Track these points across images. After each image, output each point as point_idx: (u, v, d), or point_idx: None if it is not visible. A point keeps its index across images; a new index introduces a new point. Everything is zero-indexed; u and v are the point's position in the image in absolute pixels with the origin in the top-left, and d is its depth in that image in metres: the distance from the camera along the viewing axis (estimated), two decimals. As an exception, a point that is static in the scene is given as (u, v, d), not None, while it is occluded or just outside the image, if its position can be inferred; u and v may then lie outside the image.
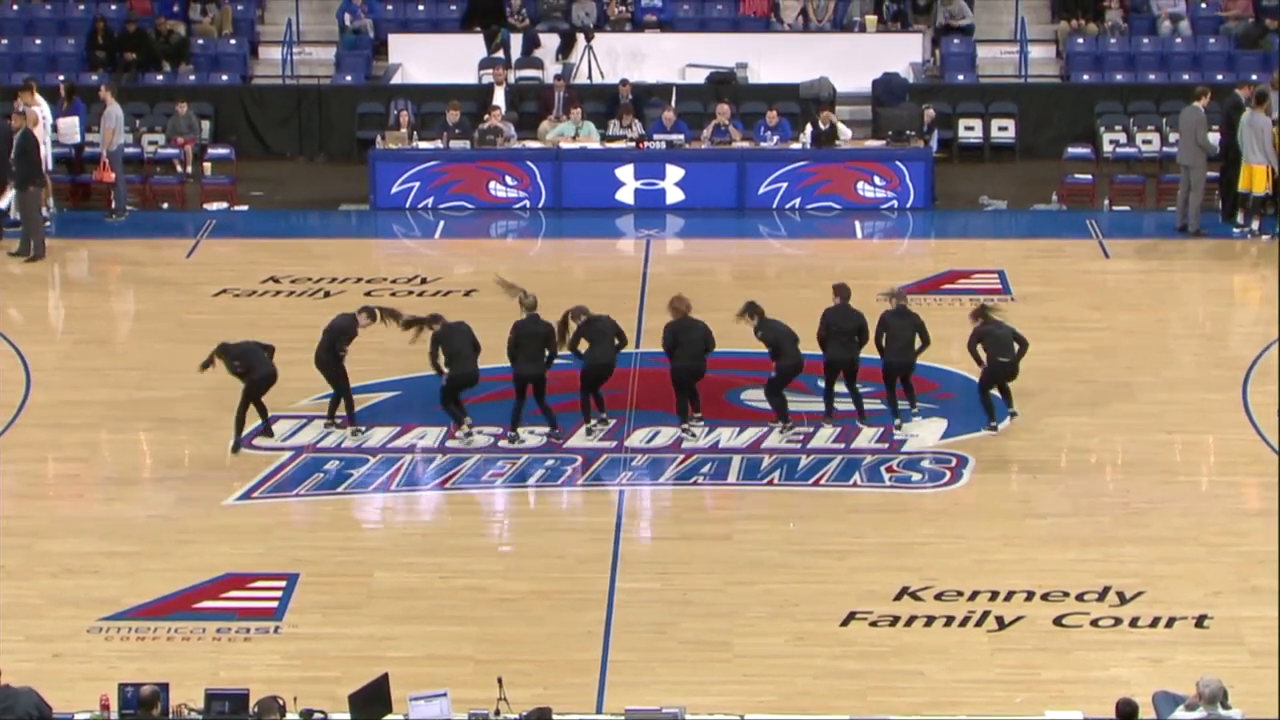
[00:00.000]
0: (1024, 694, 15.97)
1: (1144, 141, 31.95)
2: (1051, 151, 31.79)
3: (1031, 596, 17.62)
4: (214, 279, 26.80)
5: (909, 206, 30.20)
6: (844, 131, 30.41)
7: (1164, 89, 32.89)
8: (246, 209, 30.73)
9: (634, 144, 30.38)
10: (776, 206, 30.19)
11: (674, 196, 30.28)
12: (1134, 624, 17.18)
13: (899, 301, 21.65)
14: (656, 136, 30.45)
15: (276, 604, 17.55)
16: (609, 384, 21.49)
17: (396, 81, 33.97)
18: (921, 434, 21.36)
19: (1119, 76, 33.76)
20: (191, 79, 34.10)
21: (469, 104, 31.75)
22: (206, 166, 31.59)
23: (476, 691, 15.22)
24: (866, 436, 21.27)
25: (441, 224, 29.88)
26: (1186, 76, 33.31)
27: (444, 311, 21.67)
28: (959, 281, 26.54)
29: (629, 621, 17.28)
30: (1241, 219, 28.84)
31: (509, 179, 30.26)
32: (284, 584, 17.89)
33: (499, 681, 14.67)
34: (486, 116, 30.86)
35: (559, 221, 29.99)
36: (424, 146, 30.39)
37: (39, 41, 34.67)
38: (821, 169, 30.23)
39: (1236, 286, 27.21)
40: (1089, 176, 30.87)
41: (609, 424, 21.41)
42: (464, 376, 21.11)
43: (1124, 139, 32.05)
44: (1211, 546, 18.70)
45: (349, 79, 34.05)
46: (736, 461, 20.74)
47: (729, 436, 21.29)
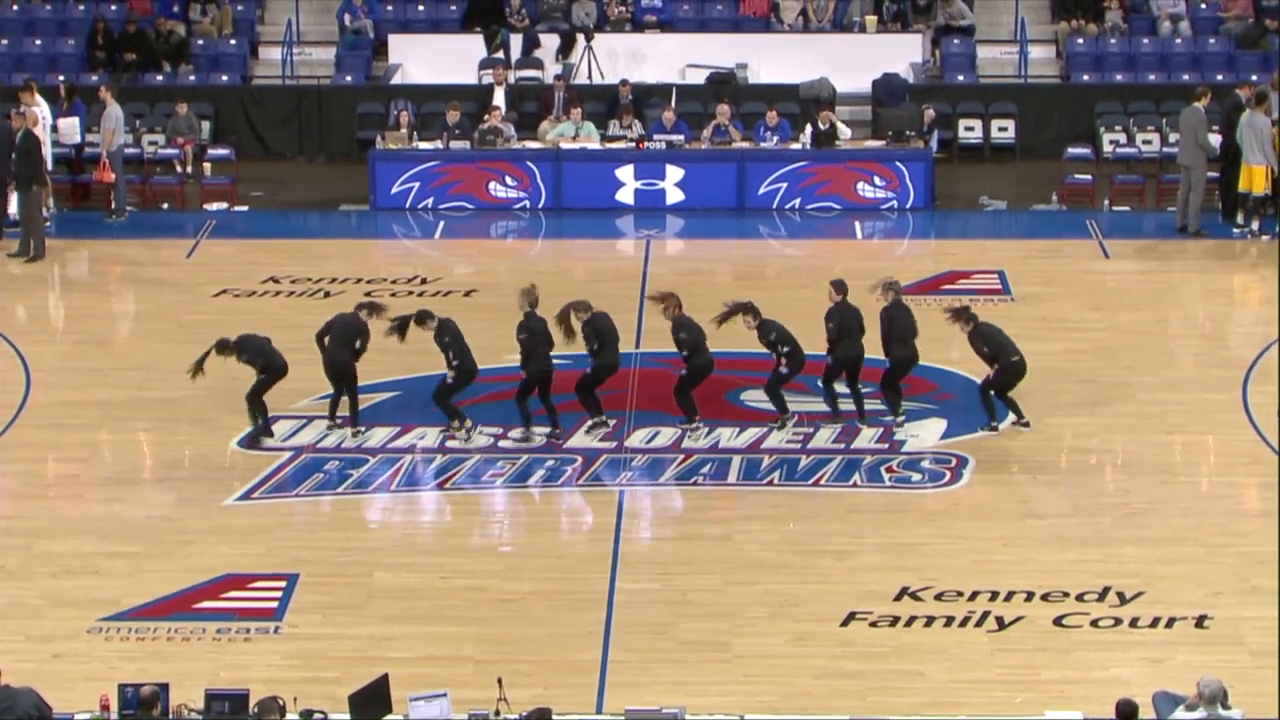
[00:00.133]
0: (1024, 694, 15.96)
1: (1144, 142, 31.94)
2: (1051, 152, 31.78)
3: (1031, 597, 17.61)
4: (214, 279, 26.79)
5: (909, 207, 30.19)
6: (844, 132, 30.39)
7: (1164, 89, 32.88)
8: (246, 209, 30.72)
9: (634, 144, 30.37)
10: (776, 207, 30.18)
11: (674, 197, 30.26)
12: (1134, 624, 17.17)
13: (897, 294, 21.65)
14: (656, 137, 30.44)
15: (276, 604, 17.53)
16: (608, 384, 21.48)
17: (396, 82, 33.96)
18: (921, 434, 21.36)
19: (1119, 77, 33.75)
20: (191, 79, 34.09)
21: (469, 104, 31.74)
22: (206, 167, 31.57)
23: (476, 692, 15.21)
24: (866, 437, 21.25)
25: (441, 224, 29.87)
26: (1186, 77, 33.30)
27: (443, 313, 21.66)
28: (959, 282, 26.52)
29: (629, 622, 17.27)
30: (1241, 219, 28.82)
31: (509, 179, 30.25)
32: (284, 584, 17.87)
33: (499, 682, 14.66)
34: (486, 117, 30.86)
35: (559, 222, 29.98)
36: (424, 147, 30.38)
37: (39, 42, 34.66)
38: (821, 169, 30.22)
39: (1236, 287, 27.19)
40: (1089, 177, 30.86)
41: (609, 424, 21.40)
42: (472, 373, 21.09)
43: (1124, 139, 32.05)
44: (1211, 547, 18.68)
45: (349, 79, 34.04)
46: (736, 462, 20.72)
47: (729, 437, 21.27)
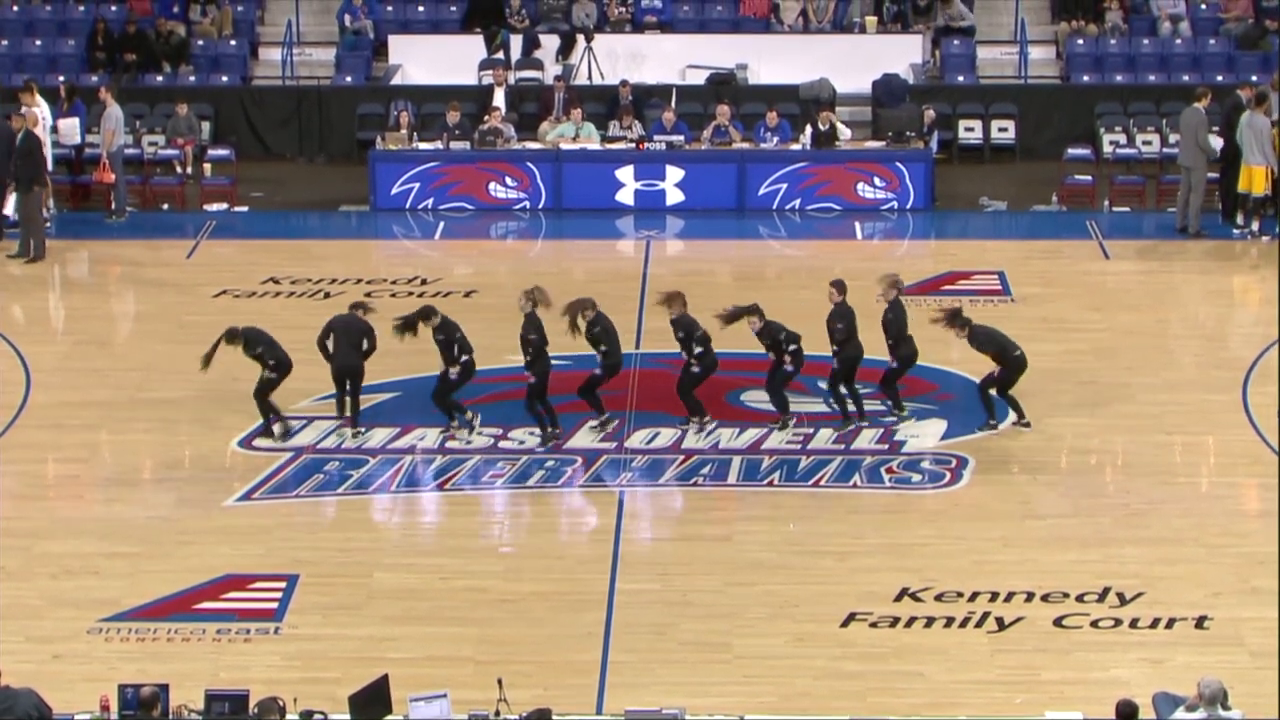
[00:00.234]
0: (1024, 695, 15.96)
1: (1144, 142, 31.94)
2: (1051, 152, 31.77)
3: (1031, 597, 17.61)
4: (214, 280, 26.78)
5: (909, 207, 30.19)
6: (844, 132, 30.39)
7: (1164, 90, 32.88)
8: (246, 210, 30.72)
9: (634, 145, 30.37)
10: (776, 207, 30.17)
11: (674, 197, 30.26)
12: (1134, 625, 17.17)
13: (899, 292, 21.65)
14: (656, 137, 30.43)
15: (276, 605, 17.53)
16: (609, 384, 21.47)
17: (396, 82, 33.96)
18: (921, 435, 21.36)
19: (1119, 77, 33.75)
20: (191, 80, 34.09)
21: (469, 105, 31.74)
22: (206, 167, 31.57)
23: (476, 692, 15.21)
24: (867, 437, 21.25)
25: (441, 225, 29.87)
26: (1186, 78, 33.29)
27: (444, 313, 21.67)
28: (959, 282, 26.52)
29: (629, 622, 17.27)
30: (1241, 220, 28.83)
31: (509, 180, 30.24)
32: (284, 585, 17.88)
33: (499, 682, 14.66)
34: (486, 117, 30.85)
35: (559, 222, 29.97)
36: (424, 147, 30.38)
37: (39, 42, 34.65)
38: (821, 170, 30.22)
39: (1236, 287, 27.19)
40: (1089, 177, 30.85)
41: (614, 422, 21.39)
42: (472, 371, 21.10)
43: (1124, 140, 32.05)
44: (1211, 547, 18.69)
45: (349, 80, 34.04)
46: (736, 462, 20.72)
47: (729, 437, 21.27)
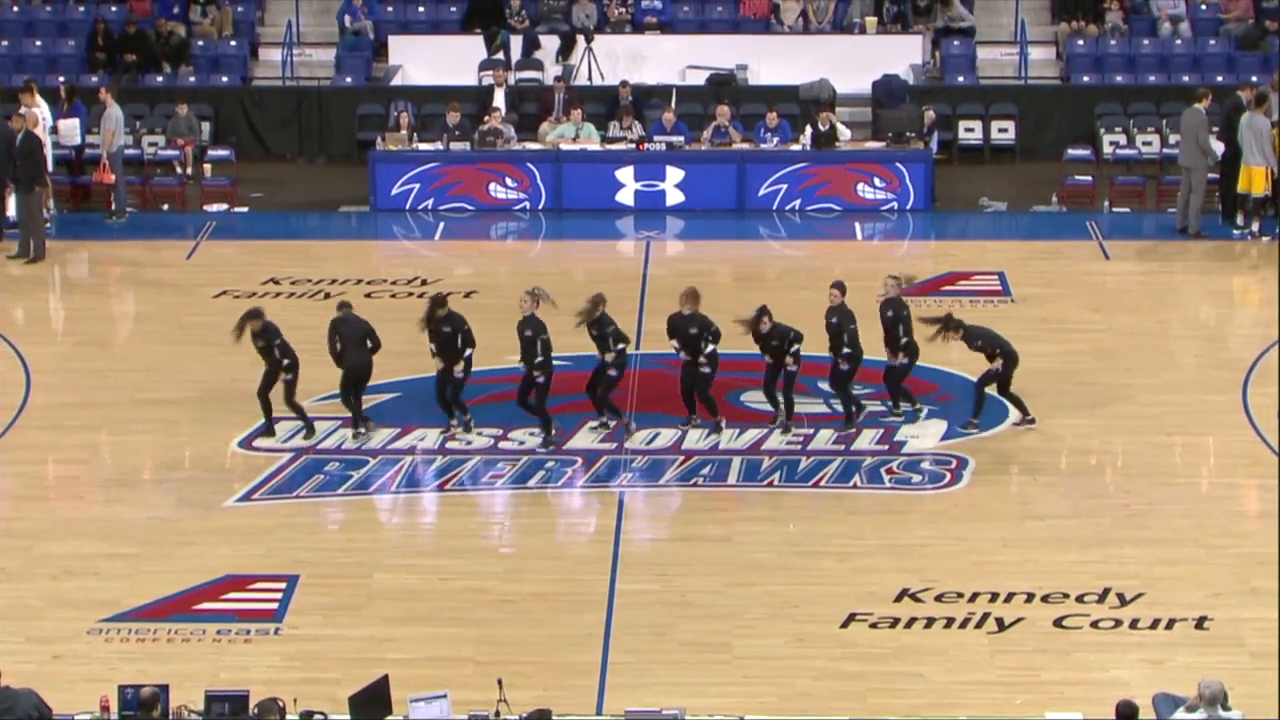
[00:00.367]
0: (1024, 696, 15.96)
1: (1144, 143, 31.95)
2: (1051, 153, 31.77)
3: (1031, 598, 17.62)
4: (214, 280, 26.78)
5: (909, 208, 30.18)
6: (844, 133, 30.39)
7: (1164, 90, 32.88)
8: (246, 210, 30.72)
9: (634, 145, 30.37)
10: (776, 208, 30.17)
11: (674, 198, 30.26)
12: (1134, 626, 17.17)
13: (901, 290, 21.70)
14: (656, 138, 30.43)
15: (277, 605, 17.54)
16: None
17: (396, 83, 33.95)
18: (921, 435, 21.36)
19: (1119, 78, 33.75)
20: (191, 80, 34.08)
21: (469, 105, 31.73)
22: (206, 168, 31.57)
23: (476, 693, 15.21)
24: (867, 438, 21.25)
25: (441, 225, 29.87)
26: (1186, 78, 33.29)
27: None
28: (959, 283, 26.52)
29: (629, 623, 17.27)
30: (1241, 221, 28.83)
31: (509, 180, 30.24)
32: (284, 585, 17.88)
33: (499, 683, 14.66)
34: (486, 118, 30.84)
35: (559, 223, 29.97)
36: (424, 148, 30.37)
37: (39, 43, 34.65)
38: (821, 170, 30.22)
39: (1236, 288, 27.19)
40: (1089, 178, 30.85)
41: (611, 425, 21.40)
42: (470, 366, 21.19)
43: (1124, 140, 32.06)
44: (1211, 548, 18.69)
45: (349, 80, 34.04)
46: (737, 463, 20.72)
47: (729, 438, 21.26)
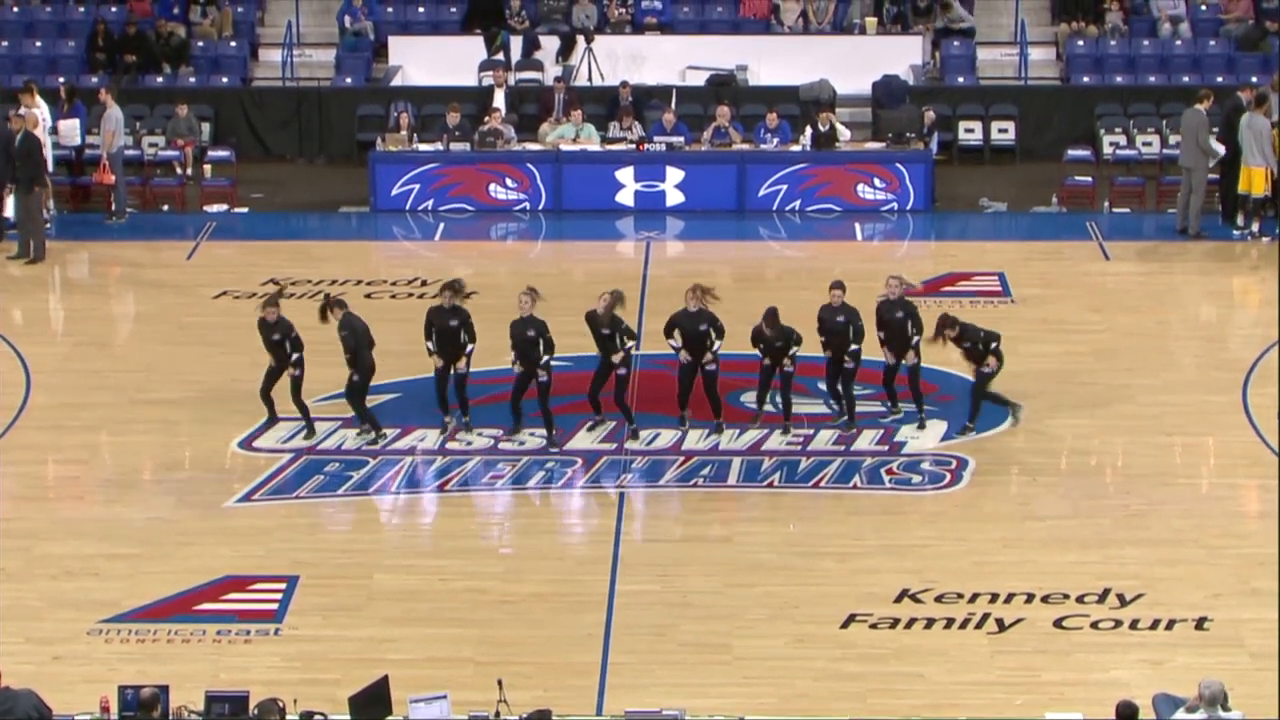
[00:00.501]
0: (1024, 696, 15.96)
1: (1144, 144, 31.96)
2: (1051, 154, 31.78)
3: (1031, 599, 17.62)
4: (214, 281, 26.78)
5: (909, 209, 30.19)
6: (844, 133, 30.39)
7: (1164, 91, 32.89)
8: (246, 211, 30.72)
9: (634, 146, 30.37)
10: (776, 209, 30.17)
11: (674, 199, 30.26)
12: (1134, 626, 17.17)
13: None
14: (656, 139, 30.43)
15: (277, 606, 17.54)
16: (607, 385, 21.44)
17: (396, 84, 33.96)
18: (922, 436, 21.36)
19: (1119, 78, 33.75)
20: (191, 81, 34.09)
21: (469, 106, 31.74)
22: (206, 169, 31.57)
23: (476, 694, 15.21)
24: (867, 439, 21.25)
25: (441, 226, 29.87)
26: (1186, 79, 33.31)
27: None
28: (959, 284, 26.52)
29: (629, 624, 17.27)
30: (1241, 221, 28.83)
31: (509, 181, 30.24)
32: (284, 586, 17.89)
33: (499, 684, 14.65)
34: (486, 119, 30.84)
35: (559, 224, 29.97)
36: (424, 149, 30.37)
37: (39, 44, 34.65)
38: (821, 171, 30.22)
39: (1236, 289, 27.19)
40: (1089, 179, 30.86)
41: (640, 433, 21.35)
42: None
43: (1124, 141, 32.07)
44: (1211, 549, 18.69)
45: (349, 81, 34.05)
46: (736, 464, 20.72)
47: (729, 438, 21.26)
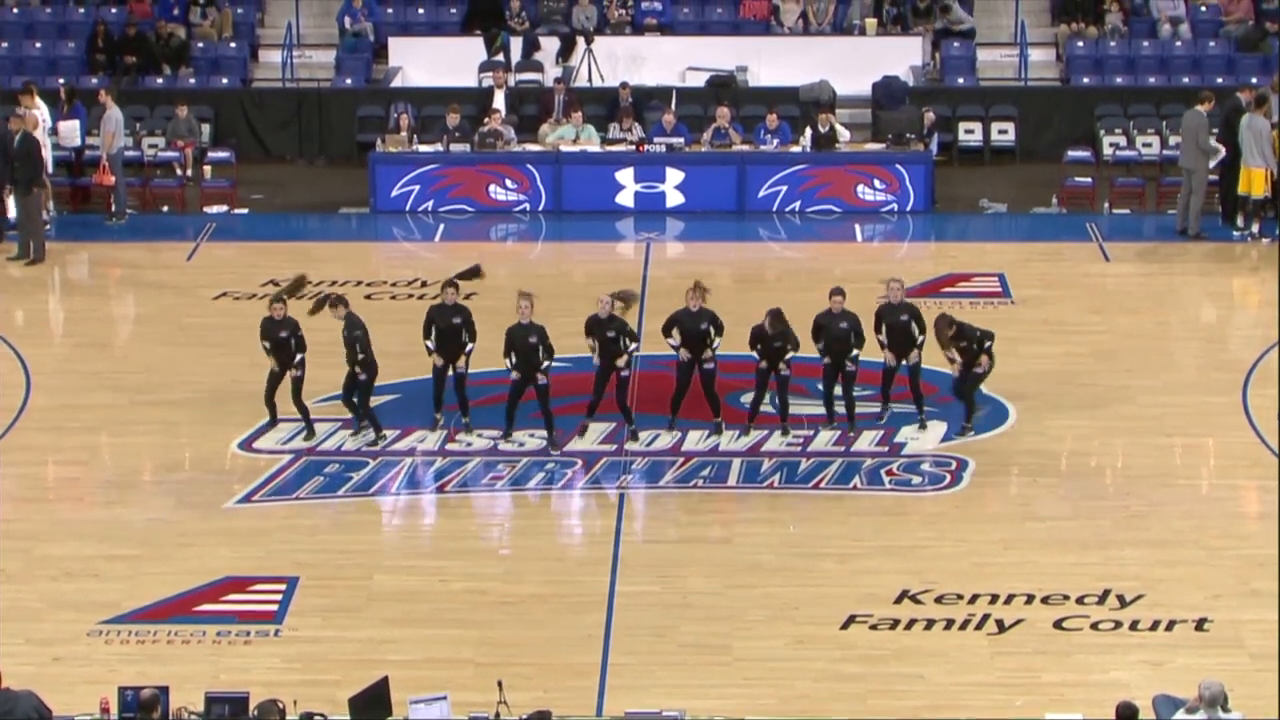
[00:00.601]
0: (1024, 697, 15.96)
1: (1144, 144, 31.95)
2: (1051, 154, 31.78)
3: (1031, 600, 17.62)
4: (214, 282, 26.78)
5: (909, 209, 30.19)
6: (844, 134, 30.38)
7: (1164, 92, 32.88)
8: (246, 212, 30.72)
9: (634, 147, 30.37)
10: (776, 209, 30.17)
11: (674, 199, 30.26)
12: (1134, 627, 17.18)
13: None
14: (656, 140, 30.42)
15: (276, 607, 17.54)
16: (608, 386, 21.45)
17: (396, 84, 33.95)
18: (921, 437, 21.36)
19: (1119, 79, 33.75)
20: (191, 82, 34.08)
21: (469, 107, 31.73)
22: (206, 170, 31.56)
23: (476, 695, 15.22)
24: (867, 440, 21.25)
25: (441, 227, 29.87)
26: (1186, 80, 33.30)
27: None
28: (959, 285, 26.53)
29: (629, 625, 17.28)
30: (1241, 222, 28.84)
31: (509, 182, 30.24)
32: (284, 587, 17.89)
33: (499, 685, 14.66)
34: (486, 120, 30.83)
35: (559, 225, 29.97)
36: (424, 150, 30.37)
37: (39, 45, 34.65)
38: (821, 172, 30.22)
39: (1236, 290, 27.20)
40: (1089, 179, 30.85)
41: (639, 435, 21.33)
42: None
43: (1124, 142, 32.06)
44: (1211, 549, 18.69)
45: (349, 82, 34.04)
46: (736, 464, 20.72)
47: (729, 439, 21.26)
